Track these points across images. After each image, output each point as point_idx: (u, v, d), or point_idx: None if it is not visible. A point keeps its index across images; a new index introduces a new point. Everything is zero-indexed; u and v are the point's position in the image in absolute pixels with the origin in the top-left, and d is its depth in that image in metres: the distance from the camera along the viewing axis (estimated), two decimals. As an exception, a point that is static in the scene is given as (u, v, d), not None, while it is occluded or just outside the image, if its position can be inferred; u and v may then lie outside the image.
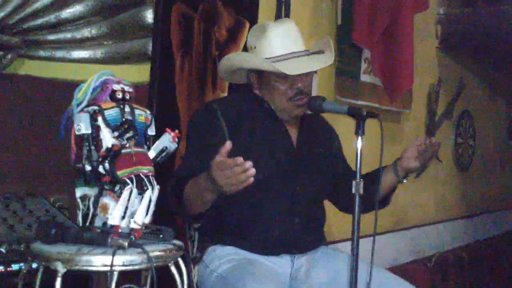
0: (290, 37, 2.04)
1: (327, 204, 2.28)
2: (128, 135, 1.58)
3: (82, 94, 1.59)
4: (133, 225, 1.57)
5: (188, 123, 1.86)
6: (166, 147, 1.68)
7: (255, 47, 2.05)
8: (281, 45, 2.02)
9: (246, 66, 2.07)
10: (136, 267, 1.50)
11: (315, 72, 2.90)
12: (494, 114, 6.22)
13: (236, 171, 1.64)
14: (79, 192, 1.60)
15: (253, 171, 1.63)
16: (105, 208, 1.56)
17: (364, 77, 3.75)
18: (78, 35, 2.21)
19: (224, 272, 1.93)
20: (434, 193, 4.84)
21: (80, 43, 2.22)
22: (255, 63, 2.03)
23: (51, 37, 2.14)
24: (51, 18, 2.13)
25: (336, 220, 2.52)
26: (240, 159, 1.63)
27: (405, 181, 2.18)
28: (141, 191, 1.57)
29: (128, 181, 1.55)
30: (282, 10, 2.97)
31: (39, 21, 2.10)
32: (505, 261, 6.13)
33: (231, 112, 2.03)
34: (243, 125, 2.02)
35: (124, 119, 1.59)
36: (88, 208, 1.58)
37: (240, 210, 2.00)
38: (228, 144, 1.67)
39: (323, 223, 2.20)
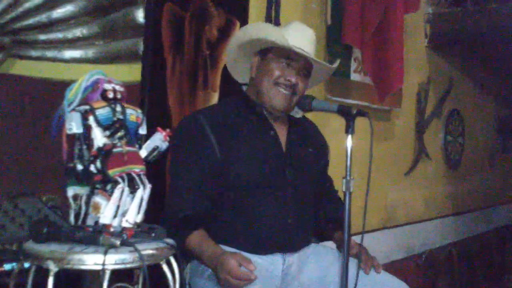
0: (308, 39, 2.09)
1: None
2: (119, 134, 1.59)
3: (73, 94, 1.59)
4: (125, 224, 1.57)
5: (174, 136, 1.83)
6: (158, 146, 1.69)
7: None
8: (299, 39, 2.06)
9: (262, 35, 2.04)
10: (128, 266, 1.50)
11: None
12: (483, 112, 6.26)
13: (241, 284, 1.74)
14: (70, 191, 1.60)
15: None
16: (96, 207, 1.56)
17: (354, 76, 3.76)
18: (69, 35, 2.20)
19: (215, 271, 1.94)
20: (424, 190, 4.86)
21: (71, 43, 2.21)
22: (275, 34, 2.02)
23: (42, 37, 2.14)
24: (42, 18, 2.12)
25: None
26: (253, 276, 1.72)
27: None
28: (133, 190, 1.58)
29: (120, 180, 1.55)
30: (272, 10, 2.98)
31: (30, 21, 2.09)
32: (494, 257, 6.18)
33: (218, 121, 2.03)
34: (232, 132, 2.03)
35: (115, 119, 1.59)
36: (80, 207, 1.59)
37: (233, 211, 2.01)
38: (252, 268, 1.76)
39: (313, 222, 2.22)
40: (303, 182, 2.12)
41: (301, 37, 2.08)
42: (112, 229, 1.55)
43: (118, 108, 1.61)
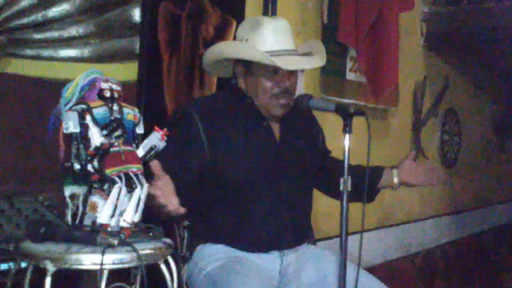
0: (283, 34, 2.03)
1: (315, 202, 2.29)
2: (116, 133, 1.58)
3: (70, 93, 1.59)
4: (122, 224, 1.57)
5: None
6: (155, 146, 1.68)
7: (246, 40, 2.03)
8: (274, 41, 2.00)
9: (239, 56, 2.03)
10: (126, 266, 1.50)
11: (302, 71, 2.91)
12: (479, 111, 6.27)
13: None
14: (67, 191, 1.60)
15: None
16: (94, 207, 1.56)
17: (350, 75, 3.76)
18: (65, 33, 2.20)
19: (212, 271, 1.94)
20: (420, 190, 4.86)
21: (67, 41, 2.21)
22: (250, 53, 1.99)
23: (38, 35, 2.13)
24: (37, 16, 2.12)
25: (324, 217, 2.54)
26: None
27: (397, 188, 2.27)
28: (130, 189, 1.58)
29: (117, 179, 1.55)
30: (269, 9, 2.98)
31: (26, 20, 2.09)
32: (490, 256, 6.19)
33: (210, 114, 2.00)
34: (224, 126, 2.00)
35: (112, 118, 1.59)
36: (77, 207, 1.58)
37: (228, 208, 2.00)
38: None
39: (309, 216, 2.21)
40: (298, 173, 2.10)
41: (278, 36, 2.02)
42: (109, 229, 1.54)
43: (115, 107, 1.61)
